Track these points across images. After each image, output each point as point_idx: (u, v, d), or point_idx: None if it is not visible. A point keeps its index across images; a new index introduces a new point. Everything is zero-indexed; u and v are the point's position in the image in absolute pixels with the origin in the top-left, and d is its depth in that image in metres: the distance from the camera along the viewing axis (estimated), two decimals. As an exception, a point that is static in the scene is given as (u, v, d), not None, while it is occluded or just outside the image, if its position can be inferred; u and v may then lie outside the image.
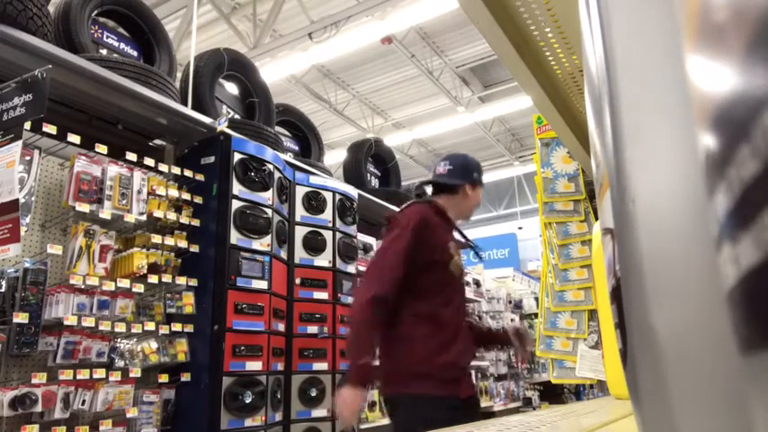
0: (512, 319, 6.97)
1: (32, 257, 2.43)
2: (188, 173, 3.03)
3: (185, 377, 2.81)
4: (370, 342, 1.97)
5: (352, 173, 5.17)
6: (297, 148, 4.80)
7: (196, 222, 3.02)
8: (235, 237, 3.04)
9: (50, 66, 2.24)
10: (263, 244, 3.17)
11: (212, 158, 3.15)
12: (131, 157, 2.78)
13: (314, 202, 3.73)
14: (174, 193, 2.93)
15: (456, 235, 2.26)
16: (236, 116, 3.99)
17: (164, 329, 2.76)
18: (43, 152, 2.52)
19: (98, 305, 2.53)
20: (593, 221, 2.25)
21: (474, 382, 2.11)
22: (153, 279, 2.72)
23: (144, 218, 2.77)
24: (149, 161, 2.86)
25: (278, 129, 4.47)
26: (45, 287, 2.36)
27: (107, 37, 3.31)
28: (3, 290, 2.26)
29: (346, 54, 8.79)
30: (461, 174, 2.22)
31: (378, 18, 7.64)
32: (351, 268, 3.88)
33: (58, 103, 2.70)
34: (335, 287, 3.68)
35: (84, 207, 2.52)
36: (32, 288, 2.30)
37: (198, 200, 3.06)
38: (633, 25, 0.27)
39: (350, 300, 3.75)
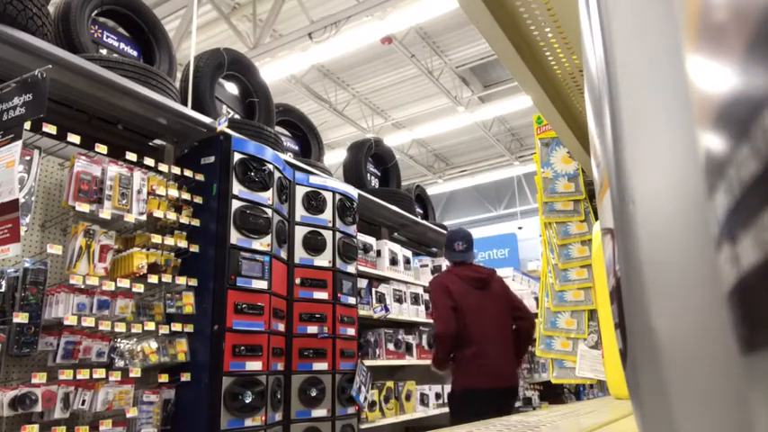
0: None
1: (32, 257, 2.43)
2: (188, 173, 3.03)
3: (185, 377, 2.81)
4: None
5: (352, 173, 5.17)
6: (297, 148, 4.80)
7: (196, 222, 3.02)
8: (235, 237, 3.04)
9: (50, 66, 2.24)
10: (263, 244, 3.17)
11: (212, 158, 3.15)
12: (131, 157, 2.78)
13: (314, 202, 3.73)
14: (173, 193, 2.93)
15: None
16: (236, 116, 3.99)
17: (164, 329, 2.75)
18: (43, 152, 2.52)
19: (98, 305, 2.53)
20: (593, 221, 2.25)
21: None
22: (153, 279, 2.72)
23: (144, 218, 2.77)
24: (149, 161, 2.85)
25: (278, 129, 4.47)
26: (45, 287, 2.36)
27: (107, 37, 3.31)
28: (3, 290, 2.26)
29: (346, 54, 8.79)
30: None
31: (378, 18, 7.63)
32: (351, 268, 3.88)
33: (58, 103, 2.70)
34: (335, 287, 3.68)
35: (84, 207, 2.52)
36: (32, 288, 2.30)
37: (198, 200, 3.06)
38: (633, 25, 0.27)
39: (349, 300, 3.78)
